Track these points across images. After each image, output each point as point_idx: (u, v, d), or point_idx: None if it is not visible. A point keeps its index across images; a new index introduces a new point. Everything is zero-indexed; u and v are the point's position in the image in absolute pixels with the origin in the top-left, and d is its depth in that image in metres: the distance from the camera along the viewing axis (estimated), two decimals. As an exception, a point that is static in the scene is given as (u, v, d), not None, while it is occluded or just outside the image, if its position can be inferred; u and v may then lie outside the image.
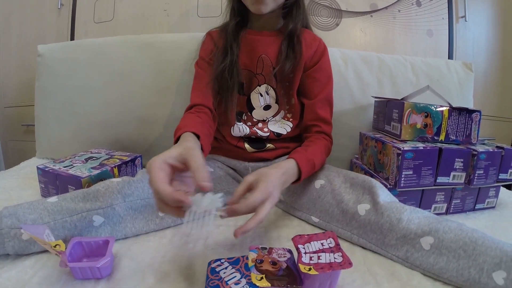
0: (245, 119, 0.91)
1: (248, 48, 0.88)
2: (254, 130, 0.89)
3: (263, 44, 0.88)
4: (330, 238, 0.54)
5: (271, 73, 0.88)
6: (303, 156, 0.73)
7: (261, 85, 0.89)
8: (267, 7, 0.81)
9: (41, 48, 1.14)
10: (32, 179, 0.90)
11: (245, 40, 0.88)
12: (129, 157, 0.90)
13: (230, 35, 0.86)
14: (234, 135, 0.90)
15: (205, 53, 0.90)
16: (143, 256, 0.60)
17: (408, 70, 1.15)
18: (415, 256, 0.58)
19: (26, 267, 0.55)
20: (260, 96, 0.90)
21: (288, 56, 0.85)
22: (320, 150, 0.82)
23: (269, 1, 0.80)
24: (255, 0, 0.80)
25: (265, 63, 0.88)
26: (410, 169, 0.76)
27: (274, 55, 0.87)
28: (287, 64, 0.84)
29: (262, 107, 0.91)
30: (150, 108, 1.08)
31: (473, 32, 1.45)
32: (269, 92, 0.90)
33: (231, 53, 0.84)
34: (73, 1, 1.42)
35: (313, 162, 0.75)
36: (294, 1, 0.87)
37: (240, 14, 0.89)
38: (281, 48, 0.86)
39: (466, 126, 0.83)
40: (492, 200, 0.89)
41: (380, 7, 1.41)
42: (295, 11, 0.87)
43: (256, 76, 0.89)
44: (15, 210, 0.59)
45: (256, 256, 0.53)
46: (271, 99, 0.90)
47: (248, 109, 0.91)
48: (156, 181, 0.48)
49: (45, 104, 1.13)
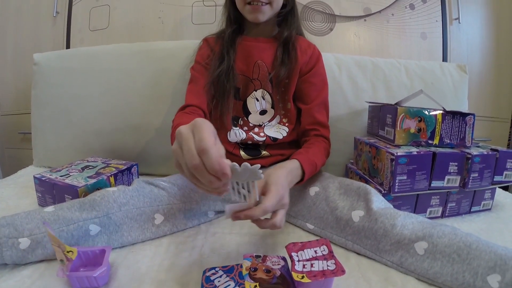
0: (241, 124, 0.92)
1: (244, 54, 0.89)
2: (250, 135, 0.90)
3: (259, 50, 0.89)
4: (324, 246, 0.55)
5: (267, 78, 0.89)
6: (305, 157, 0.74)
7: (257, 90, 0.90)
8: (264, 16, 0.83)
9: (37, 57, 1.15)
10: (29, 188, 0.90)
11: (242, 46, 0.89)
12: (125, 166, 0.91)
13: (226, 41, 0.88)
14: (230, 140, 0.90)
15: (202, 58, 0.91)
16: (140, 265, 0.60)
17: (402, 73, 1.15)
18: (410, 261, 0.58)
19: (24, 276, 0.56)
20: (256, 101, 0.91)
21: (284, 61, 0.87)
22: (320, 151, 0.83)
23: (266, 10, 0.83)
24: (253, 9, 0.82)
25: (261, 69, 0.89)
26: (404, 174, 0.76)
27: (270, 61, 0.89)
28: (282, 69, 0.86)
29: (258, 112, 0.91)
30: (146, 117, 1.09)
31: (466, 34, 1.46)
32: (265, 97, 0.91)
33: (228, 58, 0.85)
34: (69, 9, 1.42)
35: (314, 163, 0.76)
36: (289, 9, 0.89)
37: (236, 22, 0.91)
38: (277, 54, 0.88)
39: (460, 129, 0.84)
40: (488, 202, 0.89)
41: (374, 11, 1.41)
42: (290, 19, 0.90)
43: (252, 81, 0.90)
44: (12, 220, 0.60)
45: (250, 264, 0.54)
46: (267, 104, 0.91)
47: (244, 114, 0.92)
48: (208, 141, 0.41)
49: (41, 112, 1.13)
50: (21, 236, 0.58)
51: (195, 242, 0.68)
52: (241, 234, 0.72)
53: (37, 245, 0.59)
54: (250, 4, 0.82)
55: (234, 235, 0.71)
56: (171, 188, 0.76)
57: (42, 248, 0.59)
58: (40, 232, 0.59)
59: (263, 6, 0.82)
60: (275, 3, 0.84)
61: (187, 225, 0.75)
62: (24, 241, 0.58)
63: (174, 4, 1.39)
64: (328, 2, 1.40)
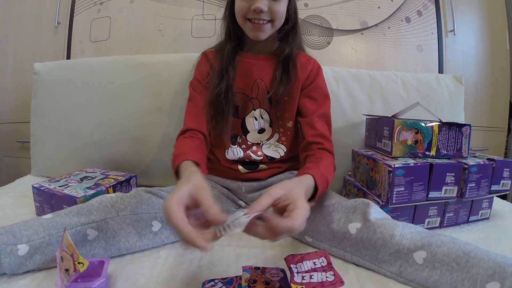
0: (239, 141, 0.91)
1: (243, 72, 0.88)
2: (248, 153, 0.89)
3: (258, 67, 0.88)
4: (322, 257, 0.55)
5: (265, 97, 0.88)
6: (318, 173, 0.69)
7: (256, 109, 0.90)
8: (265, 34, 0.83)
9: (37, 66, 1.16)
10: (28, 197, 0.90)
11: (241, 63, 0.88)
12: (124, 177, 0.91)
13: (226, 58, 0.86)
14: (228, 158, 0.90)
15: (201, 75, 0.90)
16: (138, 276, 0.60)
17: (399, 86, 1.17)
18: (409, 270, 0.58)
19: (21, 286, 0.56)
20: (255, 120, 0.90)
21: (282, 81, 0.85)
22: (329, 167, 0.78)
23: (268, 29, 0.82)
24: (254, 27, 0.81)
25: (260, 87, 0.88)
26: (401, 186, 0.77)
27: (268, 79, 0.88)
28: (280, 89, 0.85)
29: (256, 131, 0.91)
30: (145, 128, 1.09)
31: (462, 45, 1.48)
32: (264, 116, 0.90)
33: (227, 77, 0.85)
34: (70, 20, 1.44)
35: (326, 180, 0.71)
36: (291, 26, 0.88)
37: (236, 36, 0.89)
38: (276, 73, 0.86)
39: (457, 140, 0.85)
40: (485, 211, 0.90)
41: (370, 24, 1.44)
42: (291, 36, 0.88)
43: (251, 100, 0.89)
44: (11, 228, 0.61)
45: (249, 276, 0.54)
46: (265, 123, 0.91)
47: (243, 132, 0.91)
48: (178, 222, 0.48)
49: (40, 122, 1.14)
50: (19, 243, 0.59)
51: (194, 254, 0.68)
52: (240, 246, 0.72)
53: (35, 251, 0.59)
54: (251, 22, 0.81)
55: (233, 247, 0.71)
56: None
57: (41, 254, 0.59)
58: (39, 238, 0.60)
59: (265, 24, 0.81)
60: (277, 21, 0.82)
61: None
62: (23, 247, 0.58)
63: (174, 17, 1.42)
64: (326, 16, 1.43)
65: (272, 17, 0.81)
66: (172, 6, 1.42)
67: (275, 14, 0.80)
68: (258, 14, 0.79)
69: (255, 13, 0.79)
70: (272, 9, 0.79)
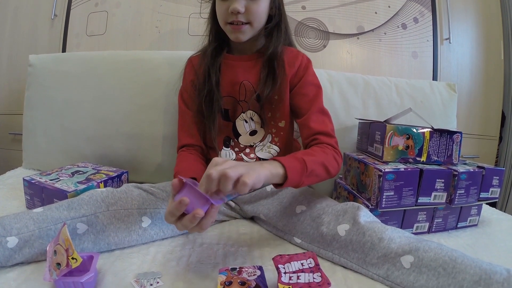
0: (232, 144, 0.91)
1: (229, 75, 0.88)
2: (240, 156, 0.90)
3: (243, 69, 0.88)
4: (310, 259, 0.55)
5: (253, 98, 0.87)
6: (287, 157, 0.68)
7: (245, 111, 0.89)
8: (245, 36, 0.83)
9: (32, 58, 1.15)
10: (18, 190, 0.89)
11: (226, 65, 0.88)
12: (115, 173, 0.90)
13: (208, 60, 0.87)
14: None
15: (186, 85, 0.92)
16: (127, 272, 0.60)
17: (393, 91, 1.18)
18: (396, 274, 0.59)
19: (9, 279, 0.55)
20: (245, 122, 0.90)
21: (268, 81, 0.84)
22: (313, 151, 0.76)
23: (247, 30, 0.82)
24: (233, 29, 0.81)
25: (247, 89, 0.88)
26: (391, 190, 0.78)
27: (255, 80, 0.87)
28: (266, 89, 0.84)
29: (248, 133, 0.91)
30: (138, 125, 1.09)
31: (457, 53, 1.50)
32: (254, 117, 0.90)
33: (209, 81, 0.85)
34: (67, 13, 1.43)
35: (302, 159, 0.68)
36: (275, 23, 0.87)
37: (219, 38, 0.89)
38: (260, 74, 0.86)
39: (448, 147, 0.86)
40: (474, 218, 0.91)
41: (367, 29, 1.45)
42: (276, 34, 0.87)
43: (239, 103, 0.89)
44: (0, 220, 0.61)
45: (225, 278, 0.54)
46: (255, 125, 0.90)
47: (235, 135, 0.91)
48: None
49: (33, 114, 1.13)
50: (9, 235, 0.59)
51: (183, 252, 0.68)
52: (228, 245, 0.72)
53: (24, 243, 0.59)
54: (231, 24, 0.81)
55: (222, 246, 0.72)
56: (160, 194, 0.76)
57: (30, 247, 0.60)
58: (28, 231, 0.60)
59: (243, 26, 0.80)
60: (256, 22, 0.82)
61: (175, 232, 0.75)
62: (12, 240, 0.58)
63: (171, 14, 1.41)
64: (323, 19, 1.44)
65: (249, 19, 0.80)
66: (170, 3, 1.42)
67: (252, 16, 0.80)
68: (236, 16, 0.79)
69: (233, 15, 0.79)
70: (250, 9, 0.79)
